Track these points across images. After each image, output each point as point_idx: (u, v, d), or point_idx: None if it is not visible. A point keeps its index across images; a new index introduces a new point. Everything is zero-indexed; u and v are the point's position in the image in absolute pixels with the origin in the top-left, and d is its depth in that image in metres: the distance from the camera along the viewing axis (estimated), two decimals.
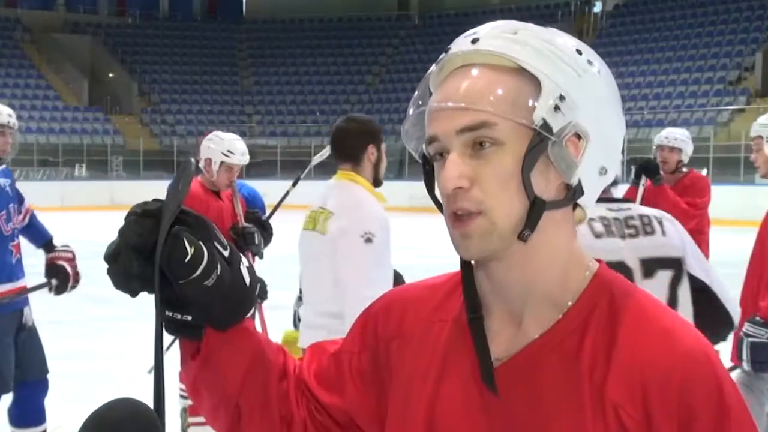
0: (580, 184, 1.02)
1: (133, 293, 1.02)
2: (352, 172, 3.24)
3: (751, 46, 28.35)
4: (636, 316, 1.01)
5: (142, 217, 1.00)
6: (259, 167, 24.64)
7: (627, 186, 5.34)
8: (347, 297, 2.97)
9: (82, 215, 21.65)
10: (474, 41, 1.02)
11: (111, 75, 36.35)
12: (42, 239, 4.43)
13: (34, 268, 4.41)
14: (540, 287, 1.04)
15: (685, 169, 5.59)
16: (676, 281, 2.53)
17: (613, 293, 1.04)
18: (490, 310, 1.07)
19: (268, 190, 7.64)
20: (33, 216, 4.47)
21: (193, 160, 1.10)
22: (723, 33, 29.58)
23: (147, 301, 1.06)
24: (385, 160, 3.31)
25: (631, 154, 15.44)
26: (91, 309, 8.67)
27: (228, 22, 39.62)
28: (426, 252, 12.15)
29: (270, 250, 5.10)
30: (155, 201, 1.02)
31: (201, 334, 1.07)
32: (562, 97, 0.99)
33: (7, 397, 4.26)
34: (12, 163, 4.66)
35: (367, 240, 3.00)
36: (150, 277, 0.99)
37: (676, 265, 2.54)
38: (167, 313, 1.04)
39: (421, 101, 1.07)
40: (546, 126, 0.99)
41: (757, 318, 3.54)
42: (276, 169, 28.63)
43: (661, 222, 2.58)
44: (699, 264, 2.59)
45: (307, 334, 3.20)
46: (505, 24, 1.04)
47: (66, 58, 35.28)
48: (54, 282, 4.24)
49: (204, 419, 1.20)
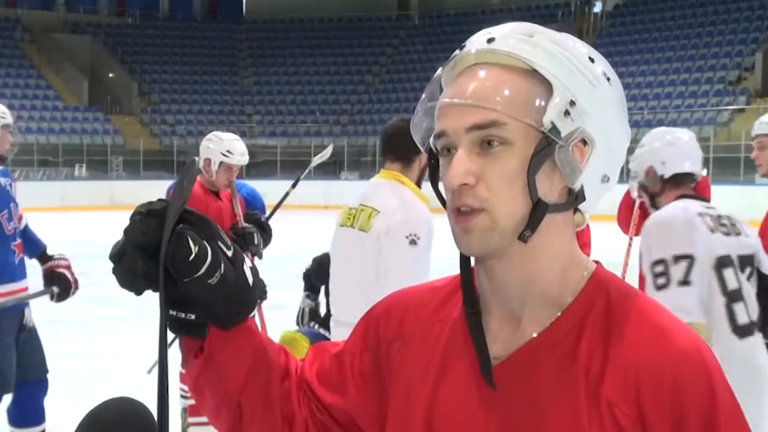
0: (582, 190, 1.03)
1: (138, 292, 1.02)
2: (399, 173, 3.16)
3: (751, 46, 28.35)
4: (632, 315, 1.02)
5: (147, 216, 1.00)
6: (259, 167, 24.66)
7: (626, 186, 5.33)
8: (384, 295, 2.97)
9: (82, 215, 21.65)
10: (490, 41, 1.03)
11: (111, 75, 36.32)
12: (37, 250, 4.43)
13: (35, 268, 4.41)
14: (539, 287, 1.05)
15: None
16: (749, 277, 2.77)
17: (610, 293, 1.05)
18: (490, 309, 1.08)
19: (268, 190, 7.63)
20: (27, 226, 4.48)
21: (196, 159, 1.10)
22: (723, 33, 29.57)
23: (147, 301, 1.06)
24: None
25: (630, 154, 15.42)
26: (91, 309, 8.66)
27: (228, 22, 39.59)
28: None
29: (270, 250, 5.11)
30: (160, 201, 1.02)
31: (204, 332, 1.08)
32: (572, 102, 1.00)
33: (7, 397, 4.27)
34: (12, 163, 4.66)
35: (412, 242, 2.98)
36: (154, 276, 0.99)
37: (753, 262, 2.81)
38: (171, 311, 1.04)
39: (431, 96, 1.08)
40: (555, 130, 1.00)
41: None
42: (276, 169, 28.60)
43: (740, 222, 2.85)
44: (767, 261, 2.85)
45: (337, 331, 3.18)
46: (521, 26, 1.05)
47: (66, 58, 35.25)
48: (56, 289, 4.26)
49: (204, 419, 1.20)
